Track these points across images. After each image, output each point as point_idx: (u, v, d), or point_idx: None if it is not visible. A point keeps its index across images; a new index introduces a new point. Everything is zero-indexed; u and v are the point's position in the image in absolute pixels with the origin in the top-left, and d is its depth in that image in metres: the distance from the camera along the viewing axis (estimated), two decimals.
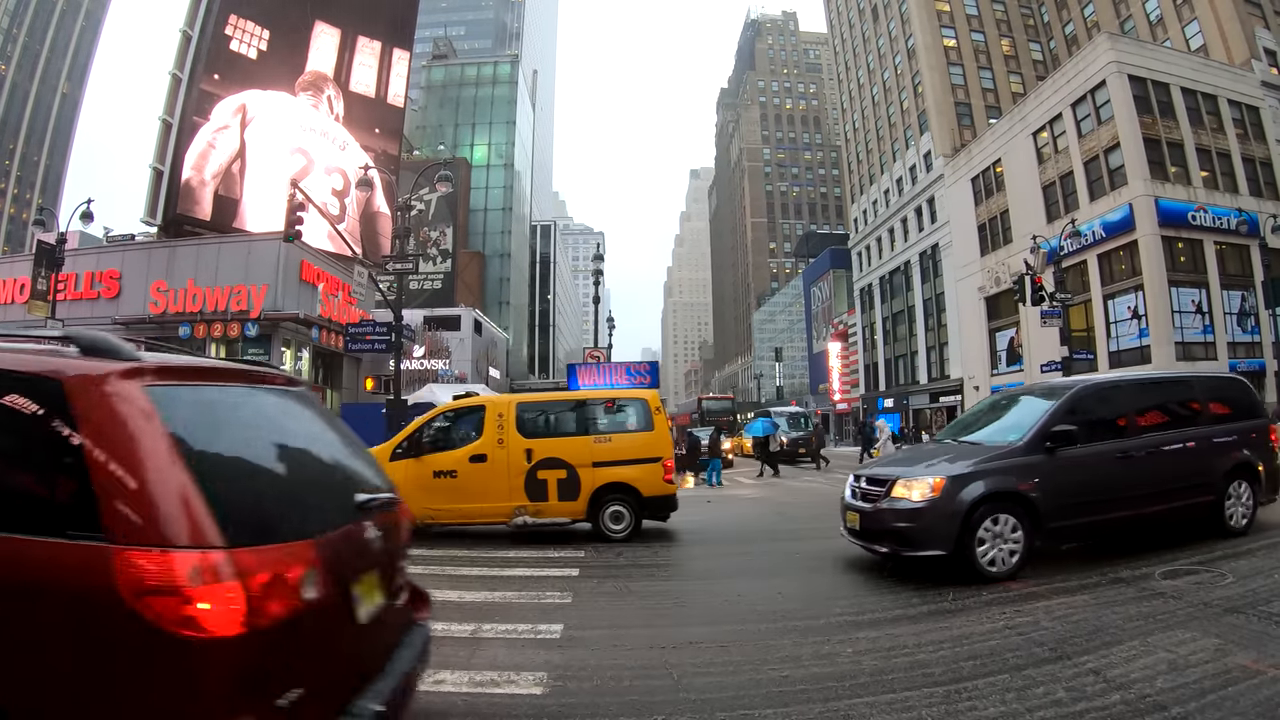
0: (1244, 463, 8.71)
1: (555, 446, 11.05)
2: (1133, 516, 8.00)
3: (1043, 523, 7.43)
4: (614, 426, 11.51)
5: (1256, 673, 4.48)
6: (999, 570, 7.25)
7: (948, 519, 7.24)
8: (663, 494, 11.18)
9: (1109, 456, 8.00)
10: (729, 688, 4.60)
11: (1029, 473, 7.54)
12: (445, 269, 71.73)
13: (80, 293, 30.25)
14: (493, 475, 10.89)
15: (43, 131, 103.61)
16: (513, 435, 11.04)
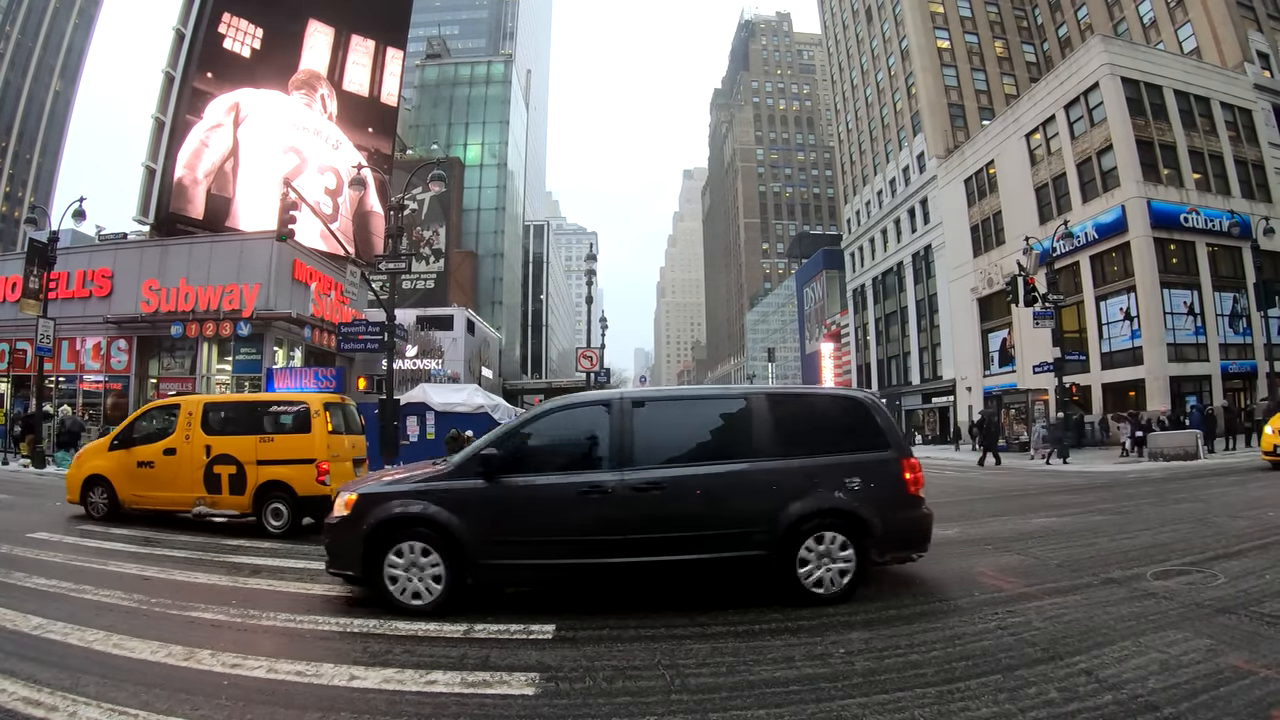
0: (835, 509, 6.66)
1: (228, 444, 11.89)
2: (624, 565, 6.50)
3: (470, 559, 6.38)
4: (277, 428, 12.21)
5: (1248, 673, 4.49)
6: (422, 604, 6.38)
7: (355, 539, 6.47)
8: (317, 494, 11.53)
9: (572, 490, 6.59)
10: (722, 688, 4.59)
11: (454, 499, 6.52)
12: (438, 268, 71.63)
13: (72, 291, 30.17)
14: (180, 467, 11.90)
15: (35, 129, 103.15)
16: (196, 432, 11.99)
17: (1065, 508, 12.92)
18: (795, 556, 6.55)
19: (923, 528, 7.08)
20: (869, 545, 6.67)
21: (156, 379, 30.76)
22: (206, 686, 4.64)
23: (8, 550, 9.31)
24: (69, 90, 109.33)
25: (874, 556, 6.73)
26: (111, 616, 6.29)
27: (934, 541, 9.96)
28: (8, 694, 4.40)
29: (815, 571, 6.57)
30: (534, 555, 6.54)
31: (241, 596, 7.14)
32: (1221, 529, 9.76)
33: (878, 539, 6.68)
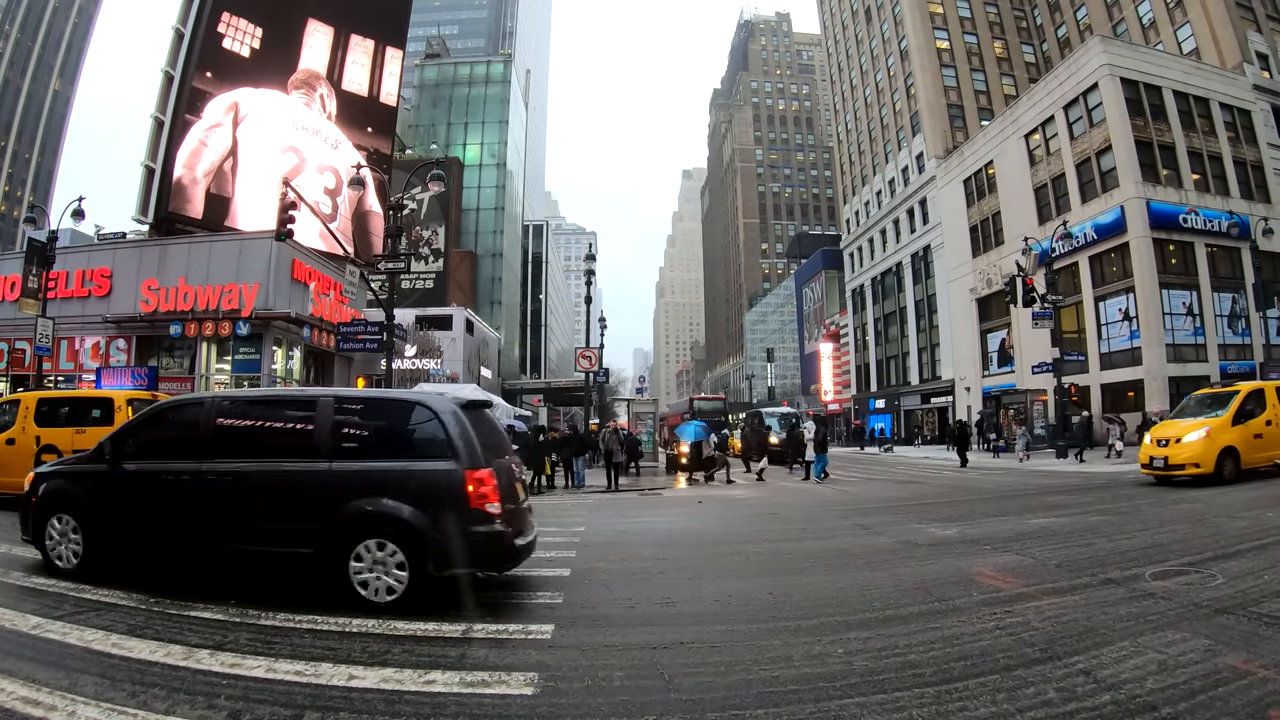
0: (387, 515, 6.60)
1: (53, 435, 13.43)
2: (217, 548, 7.07)
3: (100, 532, 7.48)
4: (90, 421, 13.72)
5: (1246, 673, 4.49)
6: (65, 566, 7.57)
7: (28, 509, 7.83)
8: None
9: (177, 476, 7.20)
10: (719, 687, 4.59)
11: (86, 481, 7.62)
12: (437, 268, 71.60)
13: (71, 291, 30.14)
14: (18, 455, 13.10)
15: (34, 129, 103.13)
16: (30, 424, 13.66)
17: (1064, 508, 12.93)
18: (348, 559, 6.60)
19: (490, 545, 6.76)
20: (424, 557, 6.51)
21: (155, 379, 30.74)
22: (206, 686, 4.64)
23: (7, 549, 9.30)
24: (68, 89, 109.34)
25: (430, 569, 6.51)
26: (111, 615, 6.29)
27: (933, 541, 10.03)
28: (7, 693, 4.40)
29: (368, 576, 6.58)
30: (145, 532, 7.34)
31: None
32: (1219, 529, 9.77)
33: (434, 552, 6.49)
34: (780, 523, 13.54)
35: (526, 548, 7.44)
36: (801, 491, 20.28)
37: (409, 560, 6.52)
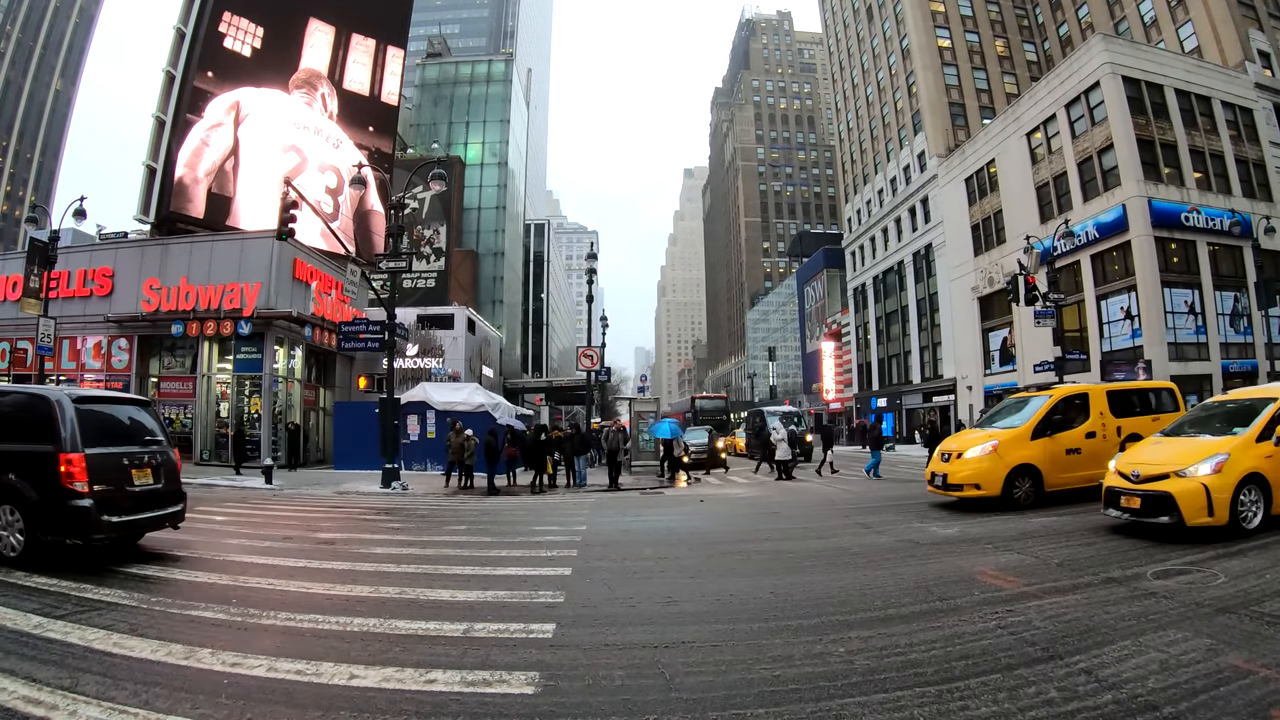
0: (9, 487, 8.10)
1: None
2: None
3: None
4: None
5: (1248, 672, 4.49)
6: None
7: None
8: None
9: None
10: (720, 687, 4.59)
11: None
12: (439, 267, 71.55)
13: (73, 290, 30.18)
14: None
15: (36, 128, 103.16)
16: None
17: (1066, 508, 12.90)
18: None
19: (76, 518, 8.05)
20: (35, 523, 8.02)
21: (157, 378, 30.77)
22: (207, 685, 4.65)
23: None
24: (69, 89, 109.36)
25: (39, 534, 8.03)
26: (112, 615, 6.30)
27: (934, 540, 10.04)
28: (8, 693, 4.40)
29: (3, 534, 8.15)
30: None
31: None
32: (1222, 529, 9.74)
33: (40, 519, 8.01)
34: (782, 522, 13.53)
35: (126, 525, 8.66)
36: (803, 491, 20.26)
37: (25, 524, 8.06)
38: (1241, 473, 8.95)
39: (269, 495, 19.12)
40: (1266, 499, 9.08)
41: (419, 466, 27.44)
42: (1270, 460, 9.15)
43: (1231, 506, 8.82)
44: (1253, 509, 9.00)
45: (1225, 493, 8.81)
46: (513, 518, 14.55)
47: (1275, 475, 9.13)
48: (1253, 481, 9.03)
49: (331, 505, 17.15)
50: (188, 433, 29.39)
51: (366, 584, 7.82)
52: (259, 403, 29.54)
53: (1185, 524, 8.81)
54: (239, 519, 13.73)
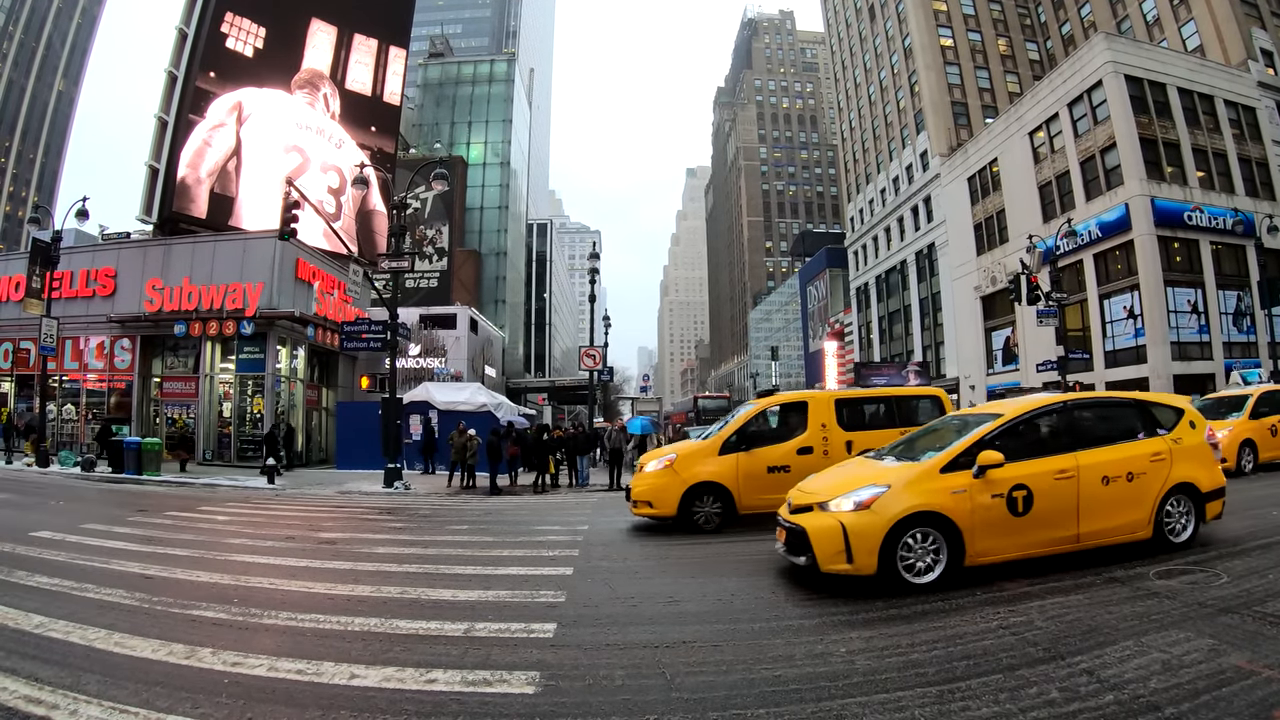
0: None
1: None
2: None
3: None
4: None
5: (1250, 673, 4.48)
6: None
7: None
8: None
9: None
10: (721, 687, 4.59)
11: None
12: (441, 267, 71.60)
13: (75, 291, 30.22)
14: None
15: (39, 129, 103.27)
16: None
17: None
18: None
19: None
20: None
21: (160, 378, 30.79)
22: (208, 685, 4.65)
23: (10, 549, 9.33)
24: (72, 90, 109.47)
25: None
26: (113, 614, 6.31)
27: None
28: (9, 692, 4.41)
29: None
30: None
31: None
32: (1224, 528, 9.73)
33: None
34: None
35: None
36: None
37: None
38: (901, 512, 7.00)
39: (271, 495, 19.13)
40: (954, 546, 7.11)
41: (420, 466, 27.45)
42: (960, 497, 7.13)
43: (883, 553, 6.92)
44: (926, 558, 7.06)
45: (872, 536, 6.93)
46: (515, 517, 14.55)
47: (966, 516, 7.11)
48: (927, 523, 7.07)
49: (334, 505, 17.15)
50: (190, 433, 29.42)
51: (368, 584, 7.83)
52: (262, 402, 29.56)
53: (819, 569, 7.16)
54: (241, 519, 13.74)
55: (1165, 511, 7.93)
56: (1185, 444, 8.20)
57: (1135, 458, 7.89)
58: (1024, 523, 7.31)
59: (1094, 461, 7.67)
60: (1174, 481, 7.95)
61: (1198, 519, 8.14)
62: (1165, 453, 8.00)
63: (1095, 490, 7.57)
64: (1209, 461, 8.34)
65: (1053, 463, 7.58)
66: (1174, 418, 8.48)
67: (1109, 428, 8.37)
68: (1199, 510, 8.14)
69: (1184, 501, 8.07)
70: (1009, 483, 7.26)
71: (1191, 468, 8.11)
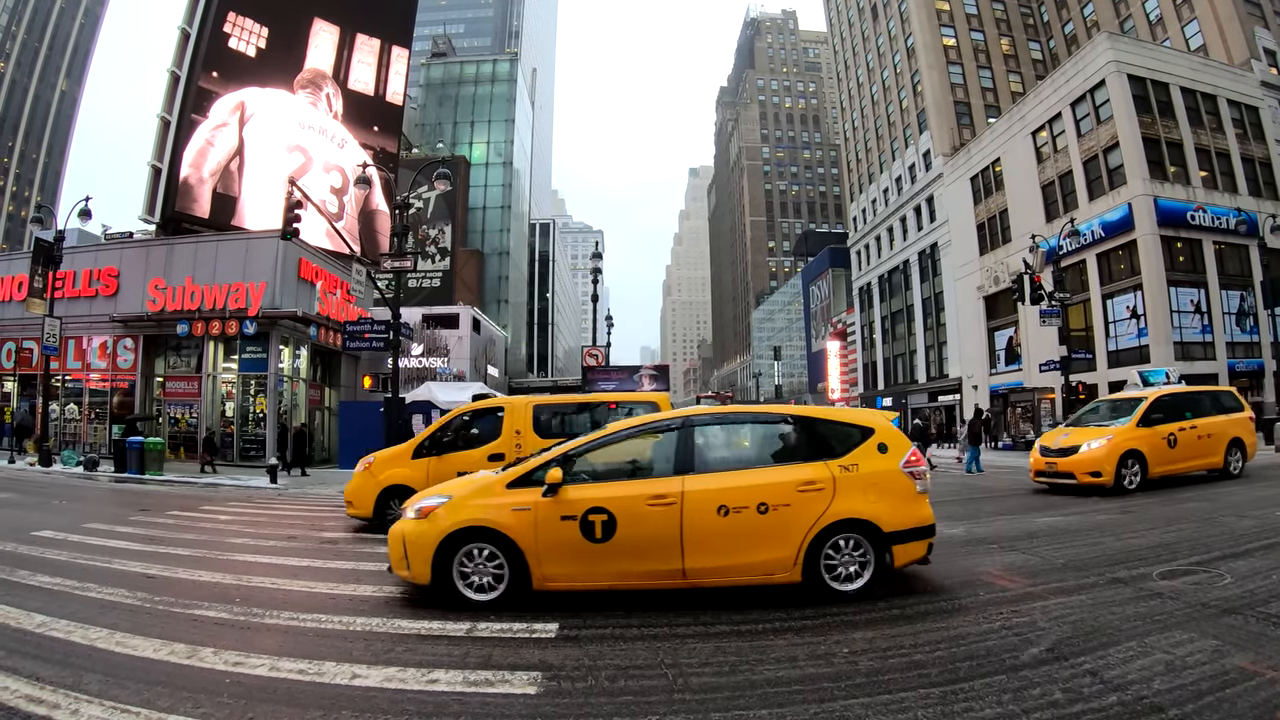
0: None
1: None
2: None
3: None
4: None
5: (1254, 674, 4.46)
6: None
7: None
8: None
9: None
10: (724, 687, 4.58)
11: None
12: (444, 267, 71.67)
13: (78, 290, 30.27)
14: None
15: (41, 129, 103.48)
16: None
17: (1071, 506, 12.87)
18: None
19: None
20: None
21: (162, 378, 30.82)
22: (209, 684, 4.65)
23: (12, 548, 9.34)
24: (75, 90, 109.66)
25: None
26: (115, 614, 6.31)
27: (940, 540, 9.99)
28: (10, 691, 4.41)
29: None
30: None
31: None
32: (1228, 528, 9.71)
33: None
34: None
35: None
36: None
37: None
38: (453, 524, 6.69)
39: (274, 495, 19.13)
40: (518, 567, 6.58)
41: None
42: (523, 515, 6.62)
43: (437, 564, 6.64)
44: (486, 576, 6.67)
45: (425, 546, 6.67)
46: None
47: (530, 537, 6.56)
48: (486, 539, 6.64)
49: (336, 505, 17.13)
50: (193, 432, 29.45)
51: (370, 583, 7.82)
52: (264, 402, 29.57)
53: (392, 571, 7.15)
54: (243, 518, 13.74)
55: (827, 553, 6.62)
56: (862, 472, 6.79)
57: (773, 486, 6.66)
58: (604, 550, 6.53)
59: (706, 488, 6.61)
60: (836, 517, 6.58)
61: (879, 564, 6.68)
62: (824, 481, 6.67)
63: (707, 521, 6.51)
64: (900, 494, 6.86)
65: (646, 486, 6.70)
66: (854, 439, 7.02)
67: (754, 449, 7.37)
68: (879, 553, 6.68)
69: (856, 542, 6.68)
70: (585, 505, 6.56)
71: (866, 501, 6.69)
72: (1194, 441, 15.23)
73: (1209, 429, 15.56)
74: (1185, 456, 15.12)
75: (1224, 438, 15.69)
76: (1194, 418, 15.52)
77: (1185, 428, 15.19)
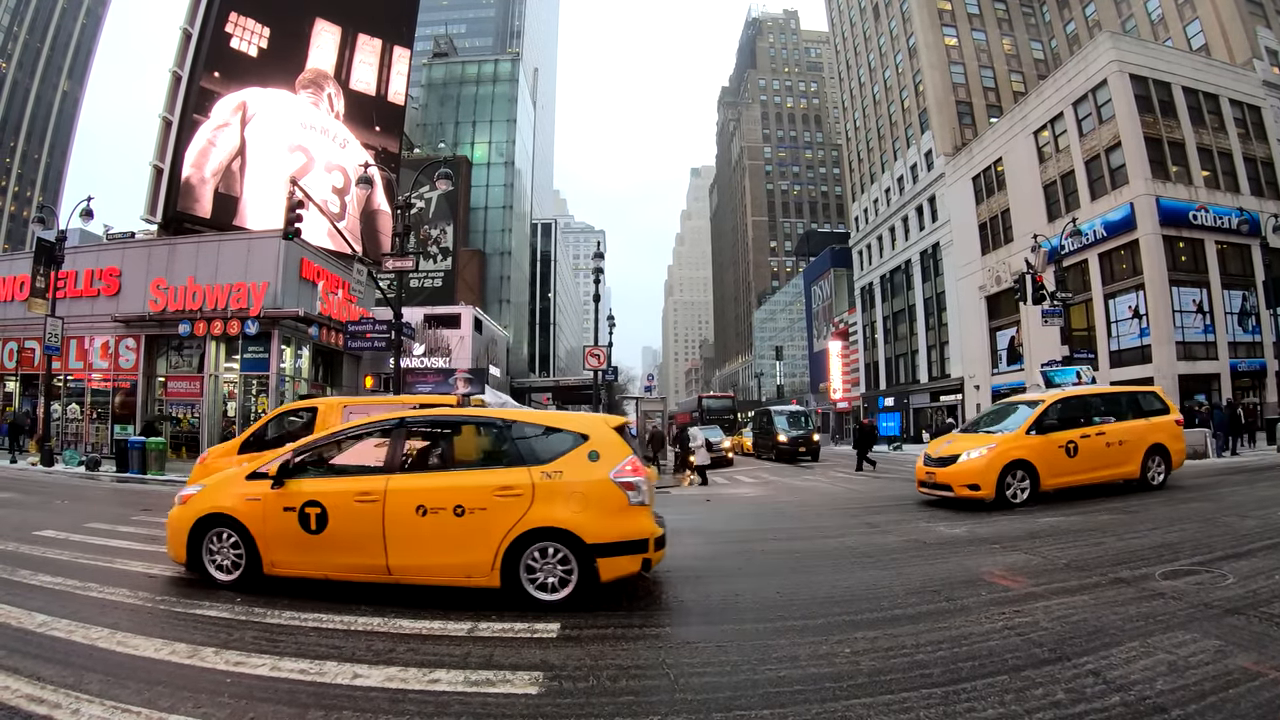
0: None
1: None
2: None
3: None
4: None
5: (1257, 675, 4.45)
6: None
7: None
8: None
9: None
10: (725, 688, 4.57)
11: None
12: (445, 267, 71.67)
13: (80, 290, 30.29)
14: None
15: (43, 129, 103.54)
16: None
17: (1073, 506, 12.85)
18: None
19: None
20: None
21: (164, 377, 30.84)
22: (210, 684, 4.64)
23: (14, 548, 9.34)
24: (77, 90, 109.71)
25: None
26: (116, 614, 6.31)
27: (942, 540, 10.00)
28: (12, 691, 4.40)
29: None
30: None
31: None
32: (1230, 528, 9.69)
33: None
34: (788, 521, 13.51)
35: None
36: (809, 490, 20.25)
37: None
38: (201, 510, 7.37)
39: None
40: (251, 552, 7.12)
41: None
42: (255, 505, 7.16)
43: (191, 546, 7.34)
44: (228, 559, 7.27)
45: (180, 530, 7.39)
46: None
47: (260, 524, 7.12)
48: (225, 524, 7.25)
49: None
50: (195, 432, 29.47)
51: None
52: (266, 402, 29.59)
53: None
54: None
55: (528, 561, 6.60)
56: (565, 480, 6.70)
57: (471, 489, 6.72)
58: (319, 542, 6.87)
59: (408, 487, 6.78)
60: (533, 524, 6.55)
61: (583, 575, 6.55)
62: (522, 488, 6.65)
63: (407, 519, 6.67)
64: (607, 505, 6.71)
65: (356, 483, 6.97)
66: (565, 446, 6.97)
67: (470, 452, 7.69)
68: (585, 565, 6.54)
69: (558, 550, 6.60)
70: (304, 497, 6.93)
71: (568, 510, 6.59)
72: (1101, 450, 13.74)
73: (1122, 435, 14.04)
74: (1090, 466, 13.67)
75: (1141, 444, 14.19)
76: (1105, 422, 14.11)
77: (1090, 434, 13.73)
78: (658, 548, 6.92)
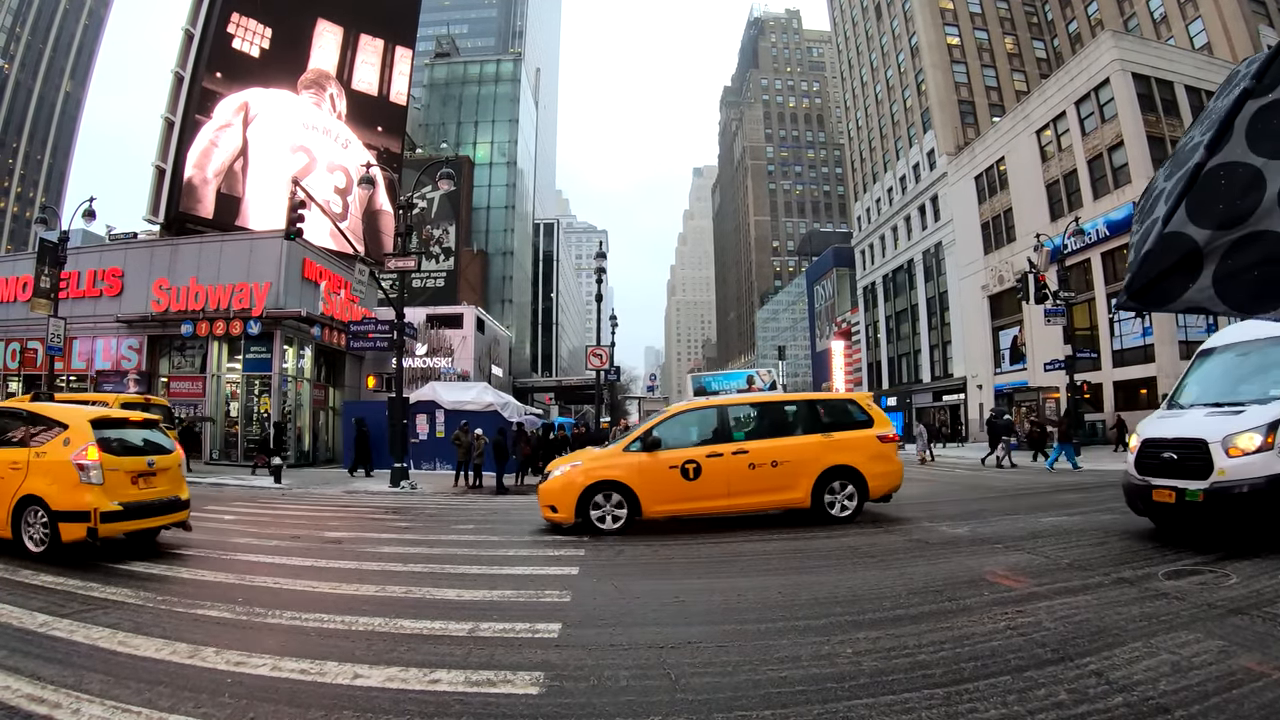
0: None
1: None
2: None
3: None
4: None
5: (1261, 675, 4.43)
6: None
7: None
8: None
9: None
10: (726, 688, 4.56)
11: None
12: (448, 267, 71.72)
13: (83, 291, 30.36)
14: None
15: (46, 130, 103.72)
16: None
17: (1076, 506, 12.83)
18: None
19: None
20: None
21: (167, 378, 30.89)
22: (211, 684, 4.64)
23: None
24: (79, 91, 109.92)
25: None
26: (117, 613, 6.30)
27: (945, 540, 9.97)
28: (12, 691, 4.40)
29: None
30: None
31: None
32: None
33: None
34: None
35: None
36: None
37: None
38: None
39: (278, 494, 19.17)
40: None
41: (428, 466, 27.47)
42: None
43: None
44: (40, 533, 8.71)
45: None
46: (520, 517, 14.51)
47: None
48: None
49: (340, 504, 17.18)
50: (197, 432, 29.51)
51: (373, 583, 7.82)
52: (269, 402, 29.61)
53: None
54: (247, 518, 13.76)
55: (25, 522, 8.52)
56: (49, 459, 8.53)
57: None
58: None
59: None
60: (28, 492, 8.43)
61: (54, 537, 8.34)
62: (22, 463, 8.56)
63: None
64: (68, 479, 8.38)
65: None
66: (53, 432, 8.81)
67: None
68: (53, 527, 8.33)
69: (37, 513, 8.45)
70: None
71: (45, 483, 8.41)
72: (743, 472, 11.29)
73: (785, 454, 11.50)
74: (722, 493, 11.34)
75: (814, 465, 11.53)
76: (761, 438, 11.75)
77: (726, 452, 11.34)
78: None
